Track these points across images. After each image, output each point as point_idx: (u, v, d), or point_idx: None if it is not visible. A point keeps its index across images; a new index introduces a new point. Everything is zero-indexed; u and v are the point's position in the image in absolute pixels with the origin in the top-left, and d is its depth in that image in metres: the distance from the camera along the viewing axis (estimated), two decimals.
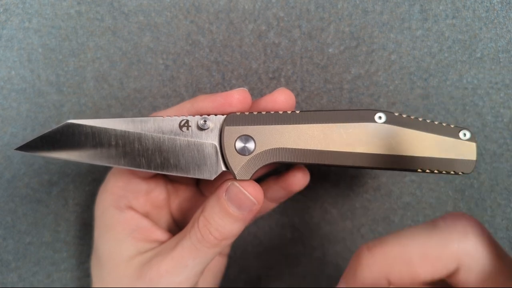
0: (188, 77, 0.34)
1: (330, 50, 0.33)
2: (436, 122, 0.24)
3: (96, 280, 0.28)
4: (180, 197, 0.31)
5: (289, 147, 0.24)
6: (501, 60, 0.33)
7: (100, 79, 0.34)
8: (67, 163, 0.35)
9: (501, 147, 0.33)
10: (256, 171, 0.24)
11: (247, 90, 0.25)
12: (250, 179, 0.24)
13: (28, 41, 0.34)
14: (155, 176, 0.29)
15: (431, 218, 0.34)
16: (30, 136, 0.34)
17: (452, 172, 0.24)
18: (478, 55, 0.33)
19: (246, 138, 0.24)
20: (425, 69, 0.33)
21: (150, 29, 0.34)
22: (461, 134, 0.24)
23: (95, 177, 0.35)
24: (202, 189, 0.32)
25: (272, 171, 0.33)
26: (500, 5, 0.33)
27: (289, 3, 0.33)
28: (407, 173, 0.34)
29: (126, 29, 0.34)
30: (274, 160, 0.24)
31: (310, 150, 0.24)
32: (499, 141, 0.33)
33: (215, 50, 0.34)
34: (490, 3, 0.33)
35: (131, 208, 0.28)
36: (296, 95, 0.34)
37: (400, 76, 0.33)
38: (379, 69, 0.33)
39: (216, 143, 0.24)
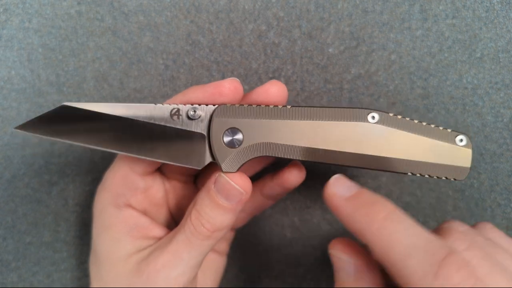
0: (188, 77, 0.34)
1: (330, 50, 0.33)
2: (433, 126, 0.23)
3: (94, 279, 0.28)
4: (178, 195, 0.31)
5: (277, 142, 0.24)
6: (501, 60, 0.33)
7: (100, 79, 0.34)
8: (67, 163, 0.35)
9: (501, 147, 0.33)
10: (243, 164, 0.24)
11: (238, 80, 0.25)
12: (237, 171, 0.24)
13: (28, 41, 0.34)
14: (153, 173, 0.29)
15: (431, 218, 0.34)
16: (30, 136, 0.34)
17: (443, 178, 0.23)
18: (478, 55, 0.33)
19: (234, 131, 0.24)
20: (425, 69, 0.33)
21: (150, 29, 0.34)
22: (457, 140, 0.23)
23: (95, 177, 0.35)
24: (199, 186, 0.32)
25: (269, 168, 0.33)
26: (500, 5, 0.33)
27: (289, 3, 0.33)
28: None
29: (126, 29, 0.34)
30: (262, 155, 0.24)
31: (298, 146, 0.24)
32: (499, 141, 0.33)
33: (215, 50, 0.34)
34: (490, 3, 0.33)
35: (129, 205, 0.28)
36: (296, 95, 0.34)
37: (400, 76, 0.33)
38: (379, 69, 0.33)
39: (205, 133, 0.24)
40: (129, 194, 0.28)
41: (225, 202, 0.24)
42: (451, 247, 0.20)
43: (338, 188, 0.23)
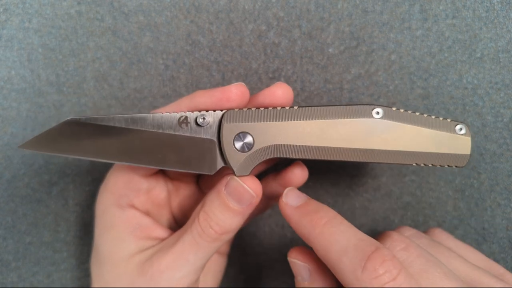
0: (188, 77, 0.34)
1: (330, 50, 0.33)
2: (433, 117, 0.24)
3: (96, 279, 0.28)
4: (180, 196, 0.31)
5: (287, 143, 0.24)
6: (501, 60, 0.33)
7: (100, 79, 0.34)
8: (67, 163, 0.35)
9: (501, 147, 0.33)
10: (255, 166, 0.25)
11: (244, 84, 0.25)
12: (249, 174, 0.24)
13: (28, 41, 0.34)
14: (155, 174, 0.29)
15: (431, 218, 0.34)
16: (30, 136, 0.34)
17: (446, 166, 0.24)
18: (478, 55, 0.33)
19: (245, 135, 0.24)
20: (425, 69, 0.33)
21: (150, 29, 0.34)
22: (457, 129, 0.24)
23: (95, 177, 0.35)
24: (202, 187, 0.32)
25: (271, 168, 0.33)
26: (500, 5, 0.33)
27: (289, 3, 0.33)
28: (407, 172, 0.34)
29: (126, 29, 0.34)
30: (272, 156, 0.24)
31: (308, 146, 0.24)
32: (499, 141, 0.33)
33: (215, 50, 0.34)
34: (490, 3, 0.33)
35: (132, 206, 0.28)
36: (296, 95, 0.34)
37: (400, 76, 0.33)
38: (379, 69, 0.33)
39: (215, 139, 0.24)
40: (132, 195, 0.28)
41: (236, 205, 0.24)
42: (379, 244, 0.21)
43: (290, 198, 0.25)
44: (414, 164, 0.24)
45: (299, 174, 0.28)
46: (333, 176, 0.35)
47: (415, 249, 0.22)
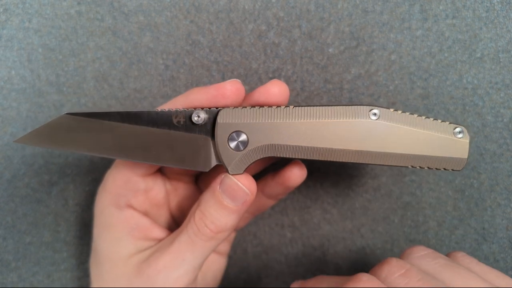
0: (188, 77, 0.34)
1: (330, 50, 0.33)
2: (431, 119, 0.24)
3: (95, 279, 0.28)
4: (179, 196, 0.31)
5: (281, 143, 0.24)
6: (501, 60, 0.33)
7: (100, 79, 0.34)
8: (67, 163, 0.35)
9: (501, 147, 0.33)
10: (249, 165, 0.24)
11: (240, 81, 0.25)
12: (243, 173, 0.24)
13: (28, 41, 0.34)
14: (153, 174, 0.29)
15: (431, 218, 0.34)
16: None
17: (442, 169, 0.24)
18: (478, 55, 0.33)
19: (239, 133, 0.24)
20: (425, 69, 0.33)
21: (150, 29, 0.34)
22: (455, 132, 0.24)
23: (95, 177, 0.35)
24: (201, 186, 0.32)
25: (270, 167, 0.33)
26: (500, 5, 0.33)
27: (289, 3, 0.33)
28: (407, 173, 0.34)
29: (126, 29, 0.34)
30: (267, 155, 0.24)
31: (302, 146, 0.24)
32: (499, 141, 0.33)
33: (215, 50, 0.34)
34: (490, 3, 0.33)
35: (130, 206, 0.28)
36: (296, 95, 0.34)
37: (400, 76, 0.33)
38: (379, 69, 0.33)
39: (209, 137, 0.24)
40: (130, 195, 0.28)
41: (230, 203, 0.24)
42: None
43: None
44: (409, 167, 0.24)
45: (297, 173, 0.28)
46: (333, 176, 0.35)
47: (417, 273, 0.22)
